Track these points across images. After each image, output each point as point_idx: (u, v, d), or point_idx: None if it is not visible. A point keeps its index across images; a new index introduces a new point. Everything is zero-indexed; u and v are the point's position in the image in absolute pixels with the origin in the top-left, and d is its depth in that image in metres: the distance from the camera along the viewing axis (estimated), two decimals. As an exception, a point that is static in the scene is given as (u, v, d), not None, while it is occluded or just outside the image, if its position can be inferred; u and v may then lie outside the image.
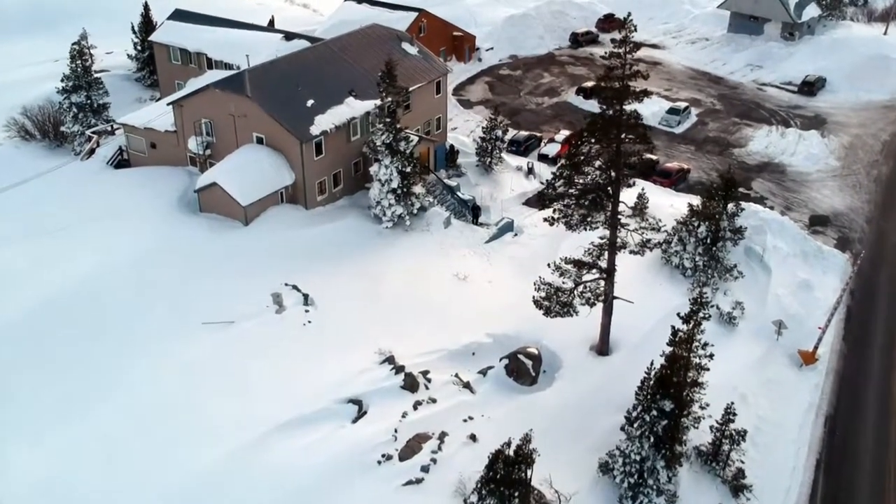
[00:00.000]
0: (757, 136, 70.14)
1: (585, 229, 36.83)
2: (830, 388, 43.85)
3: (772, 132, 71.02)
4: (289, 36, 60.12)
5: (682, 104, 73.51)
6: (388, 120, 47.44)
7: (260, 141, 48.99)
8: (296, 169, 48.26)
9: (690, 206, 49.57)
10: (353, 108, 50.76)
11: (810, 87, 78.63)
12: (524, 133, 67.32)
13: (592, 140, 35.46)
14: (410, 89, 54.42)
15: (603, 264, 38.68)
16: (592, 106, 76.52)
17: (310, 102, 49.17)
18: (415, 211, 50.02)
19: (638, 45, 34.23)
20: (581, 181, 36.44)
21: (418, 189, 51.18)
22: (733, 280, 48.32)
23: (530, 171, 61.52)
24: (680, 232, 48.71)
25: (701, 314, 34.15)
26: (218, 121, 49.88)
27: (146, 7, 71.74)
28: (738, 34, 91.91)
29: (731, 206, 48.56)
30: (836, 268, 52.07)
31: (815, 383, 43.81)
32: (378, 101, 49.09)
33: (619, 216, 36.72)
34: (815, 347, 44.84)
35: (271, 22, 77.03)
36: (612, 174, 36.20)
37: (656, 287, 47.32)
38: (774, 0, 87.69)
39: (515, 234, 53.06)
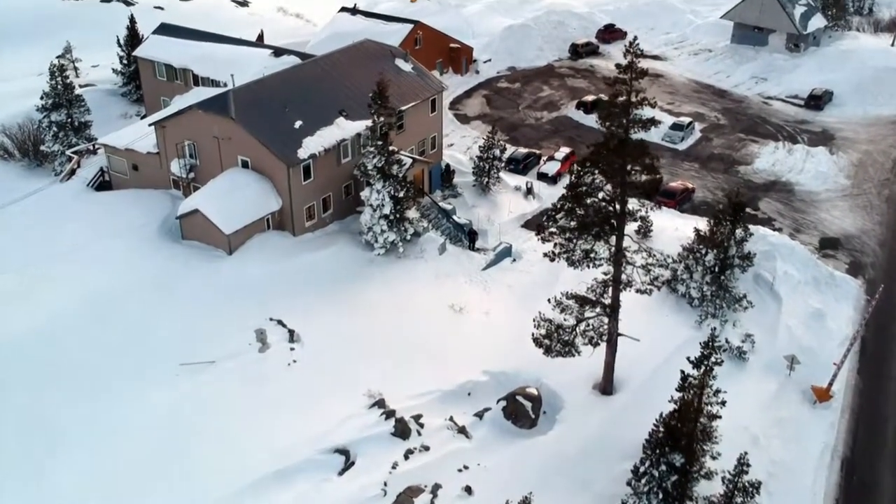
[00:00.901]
0: (763, 153, 67.87)
1: (588, 266, 34.45)
2: (846, 428, 41.46)
3: (778, 148, 68.75)
4: (277, 52, 57.83)
5: (686, 119, 71.24)
6: (379, 143, 45.16)
7: (245, 164, 46.66)
8: (283, 194, 45.92)
9: (697, 231, 47.29)
10: (344, 129, 48.45)
11: (817, 100, 76.39)
12: (523, 150, 65.04)
13: (595, 171, 33.13)
14: (403, 108, 52.12)
15: (606, 300, 36.38)
16: (593, 121, 74.63)
17: (298, 124, 46.84)
18: (408, 237, 47.71)
19: (644, 72, 31.86)
20: (583, 213, 34.08)
21: (412, 213, 48.87)
22: (742, 310, 46.01)
23: (529, 191, 59.24)
24: (686, 259, 46.49)
25: (713, 359, 31.89)
26: (202, 143, 47.57)
27: (132, 20, 69.45)
28: (742, 45, 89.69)
29: (739, 231, 46.43)
30: (849, 295, 49.73)
31: (830, 422, 41.43)
32: (370, 122, 46.78)
33: (625, 251, 34.38)
34: (830, 384, 42.49)
35: (260, 37, 74.77)
36: (617, 207, 33.88)
37: (662, 318, 45.00)
38: (779, 11, 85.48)
39: (514, 260, 50.80)
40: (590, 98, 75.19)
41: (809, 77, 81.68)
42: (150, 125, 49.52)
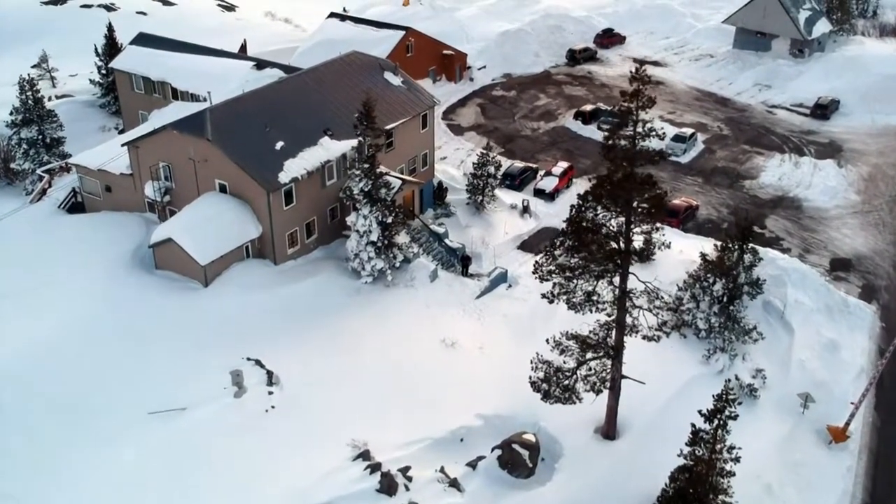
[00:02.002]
0: (769, 166, 65.16)
1: (591, 310, 31.69)
2: (864, 471, 38.85)
3: (785, 161, 66.07)
4: (260, 64, 54.88)
5: (688, 130, 68.46)
6: (366, 165, 42.34)
7: (223, 188, 43.78)
8: (263, 220, 43.05)
9: (703, 256, 44.61)
10: (329, 149, 45.59)
11: (823, 110, 73.69)
12: (519, 165, 62.23)
13: (598, 206, 30.36)
14: (392, 126, 49.26)
15: (610, 341, 33.63)
16: (591, 132, 71.98)
17: (279, 145, 43.97)
18: (397, 264, 44.92)
19: (652, 101, 29.08)
20: (585, 251, 31.31)
21: (402, 238, 46.09)
22: (752, 343, 43.33)
23: (525, 209, 56.47)
24: (693, 288, 43.80)
25: (727, 412, 29.26)
26: (177, 165, 44.69)
27: (110, 28, 66.34)
28: (745, 50, 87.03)
29: (747, 256, 43.76)
30: (863, 323, 47.06)
31: (847, 466, 38.78)
32: (356, 142, 43.97)
33: (630, 293, 31.60)
34: (847, 424, 39.84)
35: (243, 47, 71.66)
36: (622, 244, 31.14)
37: (667, 352, 42.07)
38: (783, 15, 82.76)
39: (510, 286, 48.03)
40: (588, 108, 72.46)
41: (814, 84, 79.03)
42: (122, 145, 46.54)
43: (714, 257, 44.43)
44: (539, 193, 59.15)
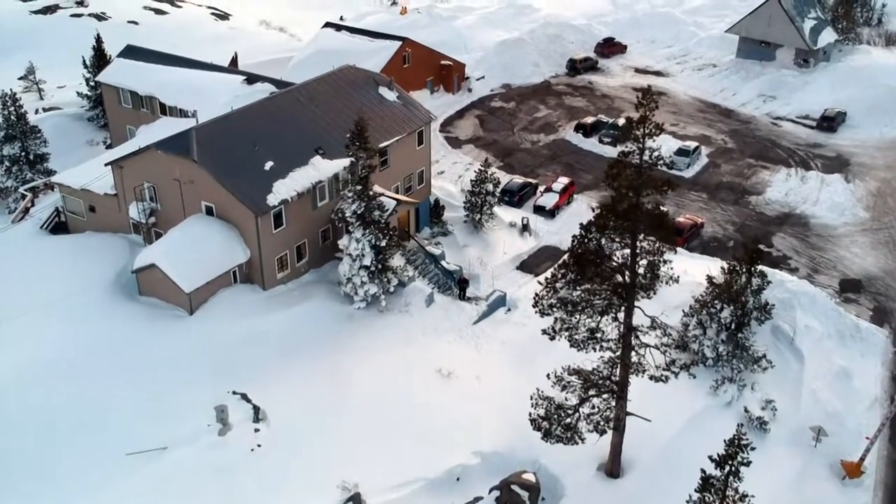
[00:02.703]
0: (775, 181, 63.39)
1: (594, 349, 29.92)
2: (880, 509, 37.17)
3: (791, 176, 64.32)
4: (251, 79, 53.12)
5: (692, 144, 66.69)
6: (358, 187, 40.59)
7: (210, 211, 42.01)
8: (251, 244, 41.28)
9: (710, 279, 42.90)
10: (320, 169, 43.83)
11: (830, 122, 71.94)
12: (518, 180, 60.43)
13: (601, 237, 28.61)
14: (387, 144, 47.56)
15: (614, 377, 31.88)
16: (593, 145, 70.23)
17: (268, 165, 42.21)
18: (391, 289, 43.16)
19: (660, 127, 27.35)
20: (587, 285, 29.58)
21: (396, 261, 44.36)
22: (762, 371, 41.57)
23: (525, 227, 54.71)
24: (699, 314, 42.05)
25: (739, 458, 27.49)
26: (162, 186, 42.96)
27: (98, 39, 64.57)
28: (748, 60, 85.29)
29: (756, 280, 42.07)
30: (876, 349, 45.26)
31: (862, 503, 37.06)
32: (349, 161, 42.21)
33: (636, 330, 29.82)
34: (862, 459, 38.07)
35: (234, 60, 69.87)
36: (626, 277, 29.39)
37: (673, 382, 39.99)
38: (788, 25, 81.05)
39: (509, 309, 46.28)
40: (589, 120, 70.72)
41: (820, 95, 77.26)
42: (105, 165, 44.78)
43: (721, 280, 42.86)
44: (539, 210, 57.40)
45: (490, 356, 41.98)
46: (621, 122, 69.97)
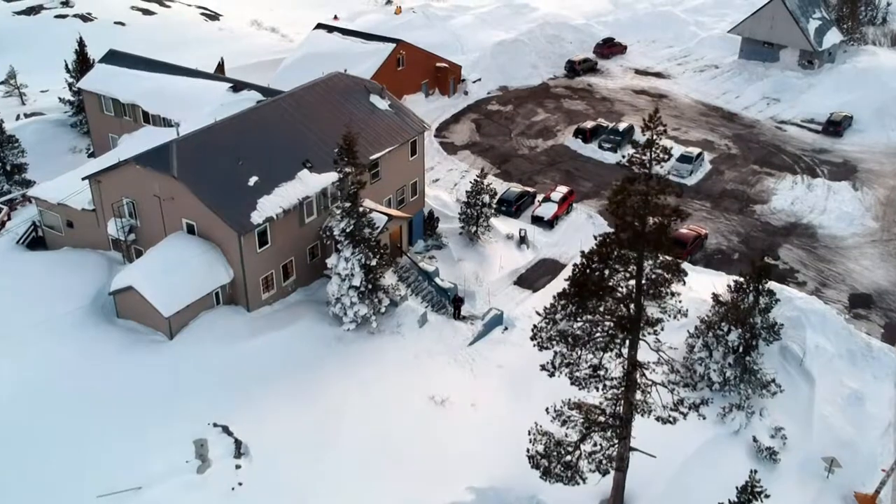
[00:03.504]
0: (780, 189, 61.43)
1: (597, 388, 27.96)
2: (896, 544, 35.37)
3: (797, 184, 62.34)
4: (237, 86, 50.93)
5: (695, 150, 64.66)
6: (347, 204, 38.57)
7: (191, 229, 39.95)
8: (234, 264, 39.24)
9: (716, 297, 41.00)
10: (308, 184, 41.77)
11: (836, 126, 69.93)
12: (515, 189, 58.39)
13: (604, 266, 26.63)
14: (379, 156, 45.51)
15: (618, 413, 29.92)
16: (592, 151, 68.04)
17: (253, 180, 40.15)
18: (383, 309, 41.16)
19: (668, 152, 25.34)
20: (589, 316, 27.63)
21: (388, 279, 42.41)
22: (770, 396, 39.70)
23: (522, 239, 52.77)
24: (705, 335, 40.14)
25: (752, 506, 25.65)
26: (142, 202, 40.89)
27: (80, 42, 62.31)
28: (751, 61, 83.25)
29: (763, 299, 40.18)
30: (888, 370, 43.30)
31: (877, 538, 35.30)
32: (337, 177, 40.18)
33: (642, 366, 27.87)
34: (877, 492, 36.21)
35: (220, 65, 67.65)
36: (631, 310, 27.43)
37: (678, 409, 38.59)
38: (793, 25, 78.97)
39: (506, 328, 44.40)
40: (589, 125, 68.63)
41: (825, 98, 75.25)
42: (83, 179, 42.70)
43: (727, 298, 40.97)
44: (537, 221, 55.44)
45: (486, 381, 40.05)
46: (622, 126, 67.99)
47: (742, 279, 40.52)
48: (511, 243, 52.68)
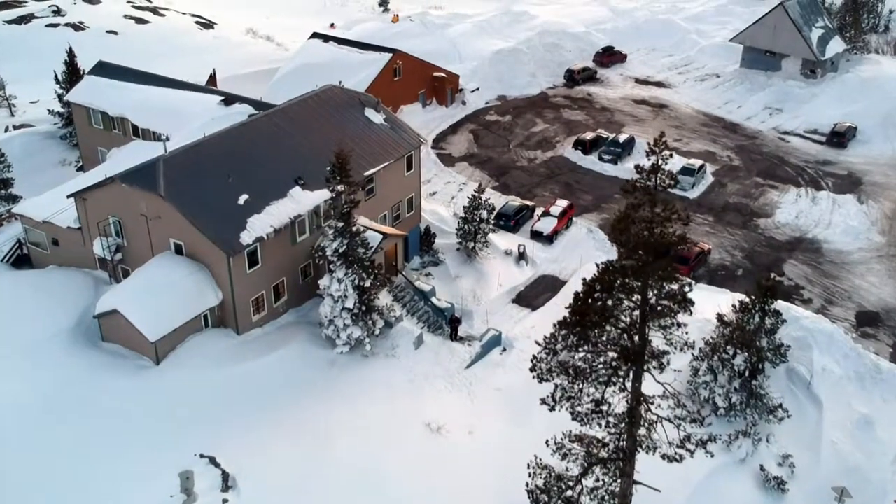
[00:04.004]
0: (784, 203, 60.22)
1: (599, 425, 26.69)
2: (909, 578, 34.06)
3: (801, 197, 61.14)
4: (228, 100, 49.71)
5: (697, 162, 63.42)
6: (340, 224, 37.31)
7: (179, 249, 38.69)
8: (223, 286, 37.97)
9: (720, 318, 39.76)
10: (300, 201, 40.52)
11: (840, 137, 68.74)
12: (514, 203, 57.13)
13: (607, 297, 25.38)
14: (373, 172, 44.30)
15: (621, 448, 28.66)
16: (592, 163, 66.80)
17: (243, 198, 38.90)
18: (377, 331, 39.90)
19: (674, 177, 24.12)
20: (591, 348, 26.37)
21: (383, 299, 41.17)
22: (777, 422, 38.44)
23: (521, 255, 51.53)
24: (710, 359, 38.89)
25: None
26: (128, 221, 39.66)
27: (70, 53, 61.11)
28: (753, 70, 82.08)
29: (769, 319, 38.95)
30: (899, 392, 42.18)
31: (890, 572, 34.02)
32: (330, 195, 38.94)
33: (647, 401, 26.60)
34: (889, 523, 35.01)
35: (212, 77, 66.44)
36: (636, 342, 26.17)
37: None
38: (795, 34, 77.87)
39: (504, 349, 43.13)
40: (589, 136, 67.45)
41: (829, 108, 74.08)
42: (68, 196, 41.45)
43: (731, 318, 39.75)
44: (536, 236, 54.19)
45: (484, 406, 38.75)
46: (622, 137, 66.83)
47: (748, 299, 39.33)
48: (510, 259, 51.45)
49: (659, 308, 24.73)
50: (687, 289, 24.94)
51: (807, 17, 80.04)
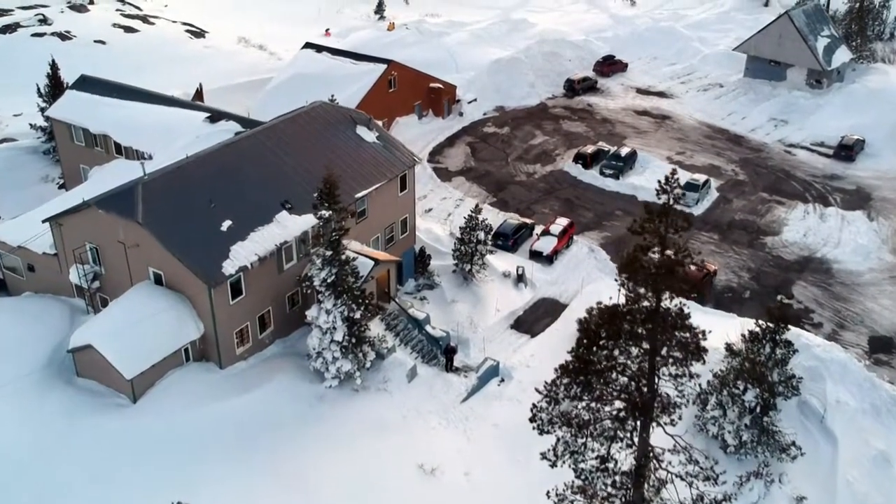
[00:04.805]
0: (792, 220, 58.28)
1: (605, 484, 24.66)
2: None
3: (809, 213, 59.20)
4: (214, 117, 47.65)
5: (702, 177, 61.42)
6: (328, 253, 35.28)
7: (159, 279, 36.64)
8: (205, 318, 35.92)
9: (729, 348, 37.77)
10: (287, 227, 38.48)
11: (848, 150, 66.82)
12: (513, 221, 55.15)
13: (612, 345, 23.37)
14: (365, 193, 42.29)
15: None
16: (593, 178, 64.73)
17: (226, 225, 36.85)
18: (368, 364, 37.86)
19: (688, 221, 22.09)
20: (596, 397, 24.37)
21: (374, 329, 39.15)
22: (790, 460, 36.42)
23: (520, 277, 49.53)
24: (719, 393, 36.88)
25: None
26: (106, 247, 37.62)
27: (53, 65, 59.09)
28: (757, 80, 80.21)
29: (780, 350, 36.97)
30: (916, 426, 40.18)
31: None
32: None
33: (657, 455, 24.57)
34: (911, 571, 33.00)
35: (199, 91, 64.36)
36: (644, 393, 24.15)
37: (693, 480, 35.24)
38: (801, 44, 75.97)
39: (502, 380, 41.09)
40: (590, 149, 65.49)
41: (835, 120, 72.17)
42: (43, 221, 39.39)
43: (740, 347, 37.76)
44: (535, 256, 52.22)
45: (480, 443, 36.67)
46: (624, 151, 64.89)
47: (758, 328, 37.35)
48: (508, 281, 49.46)
49: (670, 360, 22.74)
50: (700, 337, 22.91)
51: (812, 26, 78.14)
